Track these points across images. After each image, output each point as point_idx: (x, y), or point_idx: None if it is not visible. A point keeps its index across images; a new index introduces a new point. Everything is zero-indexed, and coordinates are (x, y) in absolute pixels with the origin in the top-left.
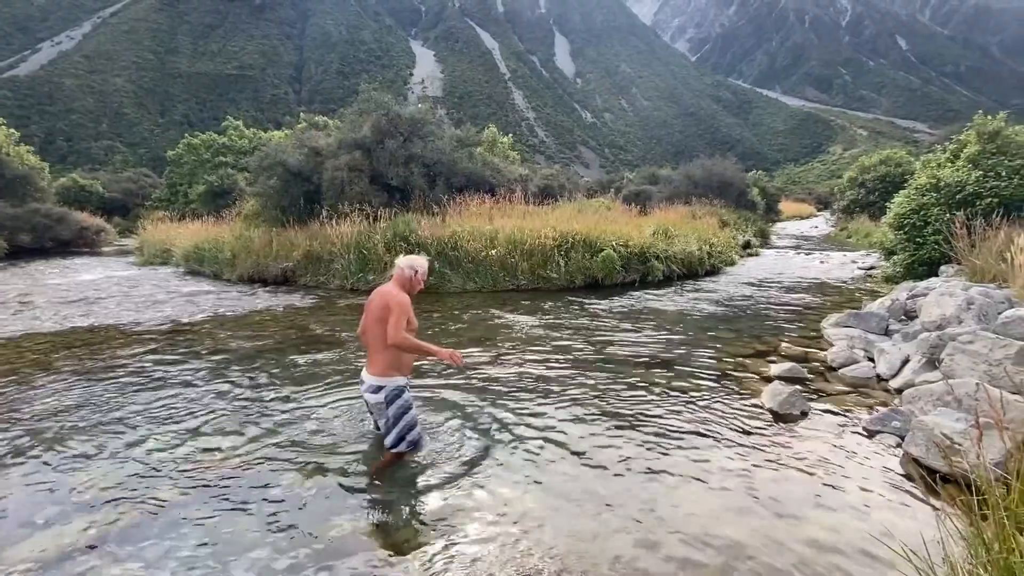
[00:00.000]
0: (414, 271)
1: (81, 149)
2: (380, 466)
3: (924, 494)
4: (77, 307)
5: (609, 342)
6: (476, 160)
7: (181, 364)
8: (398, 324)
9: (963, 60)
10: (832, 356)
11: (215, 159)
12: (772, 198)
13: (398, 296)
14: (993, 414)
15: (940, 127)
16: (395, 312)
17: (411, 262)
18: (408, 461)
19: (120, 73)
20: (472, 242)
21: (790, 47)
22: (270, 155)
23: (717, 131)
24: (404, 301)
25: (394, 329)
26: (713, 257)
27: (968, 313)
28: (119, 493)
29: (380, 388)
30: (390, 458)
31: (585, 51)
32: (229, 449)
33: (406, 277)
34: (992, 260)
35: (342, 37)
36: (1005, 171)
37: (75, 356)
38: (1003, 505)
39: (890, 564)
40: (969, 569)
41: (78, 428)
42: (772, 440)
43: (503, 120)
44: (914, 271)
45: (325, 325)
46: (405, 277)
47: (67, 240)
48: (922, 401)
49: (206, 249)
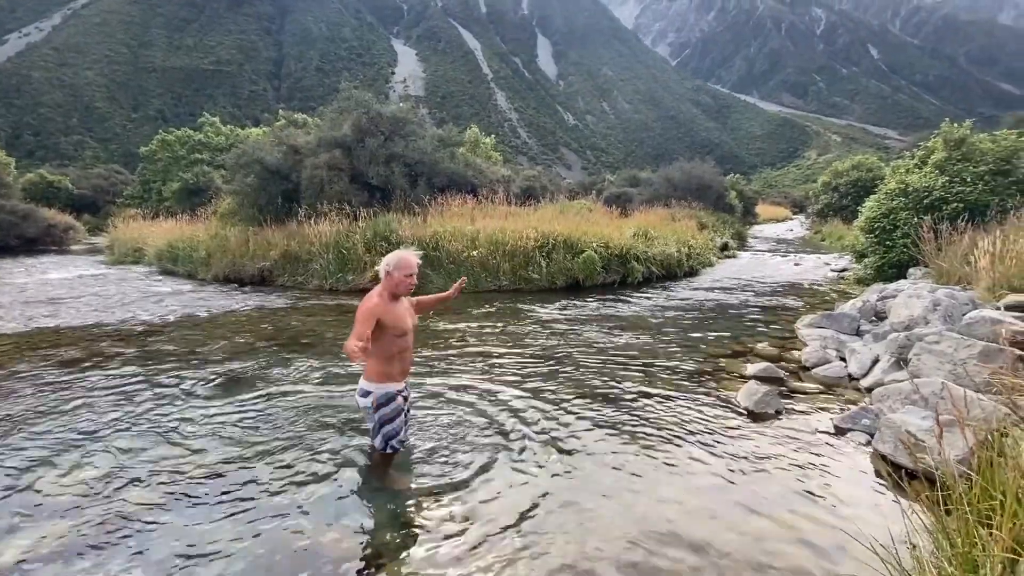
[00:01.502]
0: (386, 271)
1: (49, 144)
2: (372, 465)
3: (892, 490)
4: (43, 307)
5: (588, 342)
6: (458, 160)
7: (152, 366)
8: (355, 332)
9: (932, 69)
10: (806, 356)
11: (190, 156)
12: (749, 201)
13: (365, 302)
14: (956, 412)
15: (910, 134)
16: (357, 319)
17: (386, 259)
18: (398, 461)
19: (91, 66)
20: (454, 243)
21: (767, 53)
22: (247, 153)
23: (696, 135)
24: (365, 307)
25: (350, 340)
26: (692, 259)
27: (935, 314)
28: (85, 499)
29: (368, 393)
30: (378, 458)
31: (567, 53)
32: (200, 453)
33: (382, 278)
34: (957, 263)
35: (322, 34)
36: (970, 177)
37: (40, 358)
38: (966, 500)
39: (859, 558)
40: (934, 562)
41: (42, 432)
42: (747, 438)
43: (486, 121)
44: (884, 273)
45: (303, 326)
46: (382, 278)
47: (33, 238)
48: (891, 400)
49: (180, 248)
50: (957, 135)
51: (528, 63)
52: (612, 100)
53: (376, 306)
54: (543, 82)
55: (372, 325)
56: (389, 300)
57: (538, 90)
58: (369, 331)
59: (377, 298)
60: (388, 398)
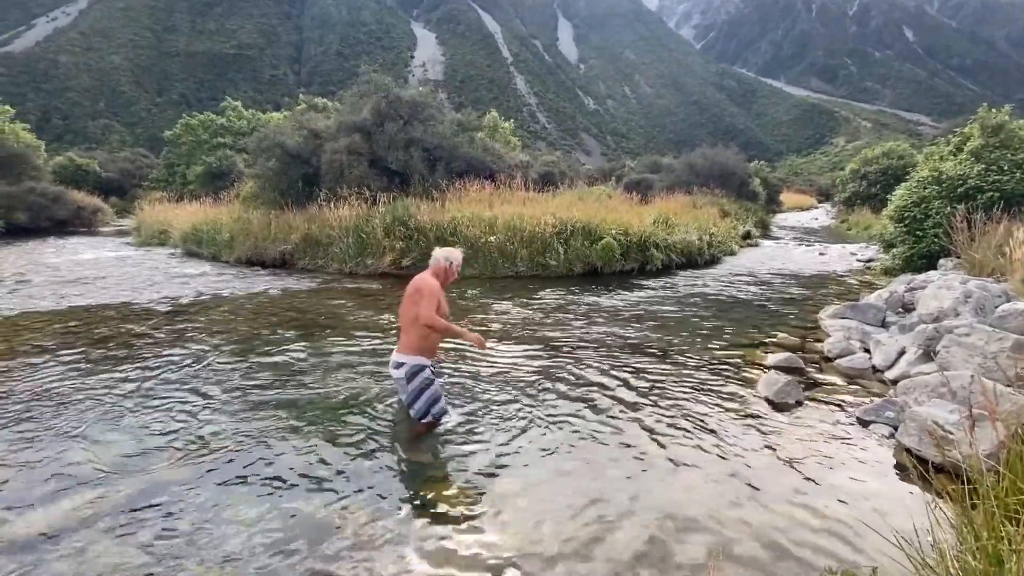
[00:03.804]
0: (449, 263)
1: (77, 128)
2: (413, 435)
3: (915, 483)
4: (74, 287)
5: (605, 330)
6: (477, 145)
7: (179, 344)
8: (429, 306)
9: (969, 53)
10: (829, 347)
11: (213, 140)
12: (773, 189)
13: (429, 281)
14: (986, 405)
15: (944, 120)
16: (425, 296)
17: (447, 254)
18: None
19: (117, 51)
20: (471, 228)
21: (796, 36)
22: (269, 137)
23: (720, 120)
24: (434, 286)
25: (426, 311)
26: (713, 247)
27: (965, 306)
28: (115, 471)
29: (401, 364)
30: (422, 428)
31: (589, 36)
32: (226, 430)
33: (441, 268)
34: (991, 254)
35: (342, 18)
36: (1008, 165)
37: (72, 335)
38: (993, 494)
39: (880, 550)
40: (958, 555)
41: (74, 406)
42: (768, 429)
43: (504, 105)
44: (913, 264)
45: (324, 308)
46: (440, 268)
47: (63, 219)
48: (916, 392)
49: (204, 231)
50: (995, 121)
51: (549, 46)
52: (634, 84)
53: (437, 287)
54: (563, 66)
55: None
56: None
57: (558, 74)
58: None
59: (435, 280)
60: (420, 368)
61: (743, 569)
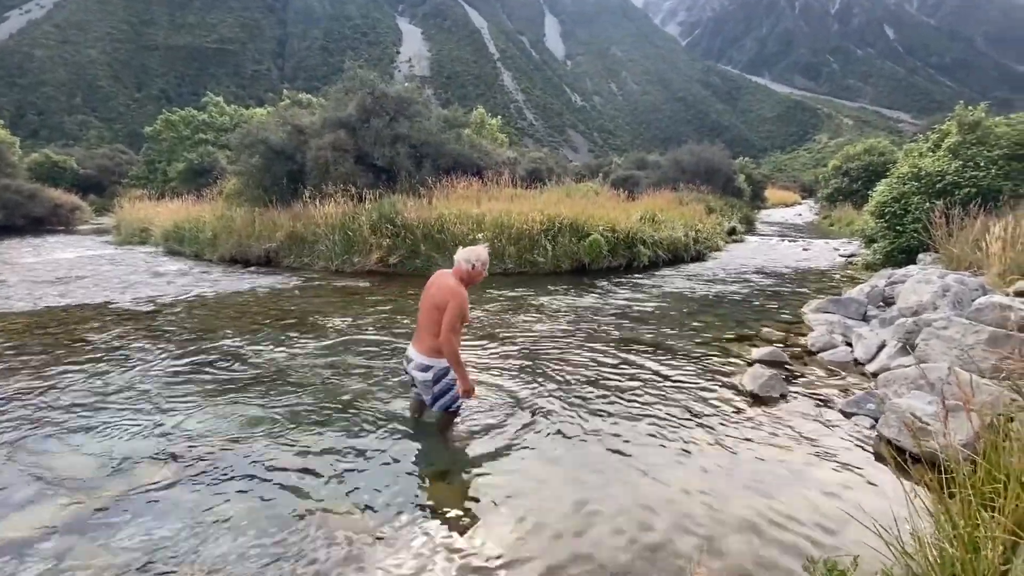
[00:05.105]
0: (471, 265)
1: (53, 124)
2: (441, 427)
3: (895, 473)
4: (52, 286)
5: (593, 326)
6: (464, 142)
7: (161, 345)
8: (451, 326)
9: (948, 51)
10: (812, 341)
11: (195, 136)
12: (758, 185)
13: (457, 290)
14: (962, 397)
15: (923, 117)
16: (450, 310)
17: (468, 256)
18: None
19: (94, 44)
20: (459, 225)
21: (780, 33)
22: (252, 133)
23: (706, 117)
24: (461, 298)
25: (447, 331)
26: (699, 243)
27: (943, 300)
28: (95, 474)
29: (429, 368)
30: (448, 418)
31: (576, 32)
32: (211, 430)
33: (464, 271)
34: (968, 248)
35: (326, 12)
36: (984, 161)
37: (50, 336)
38: (969, 483)
39: (861, 539)
40: (936, 543)
41: (52, 409)
42: (752, 421)
43: (492, 102)
44: (893, 259)
45: (310, 307)
46: (463, 271)
47: (40, 218)
48: (896, 384)
49: (186, 229)
50: (972, 118)
51: (536, 42)
52: (621, 81)
53: (464, 297)
54: (551, 62)
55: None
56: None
57: (545, 70)
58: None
59: (463, 289)
60: (447, 371)
61: (727, 561)
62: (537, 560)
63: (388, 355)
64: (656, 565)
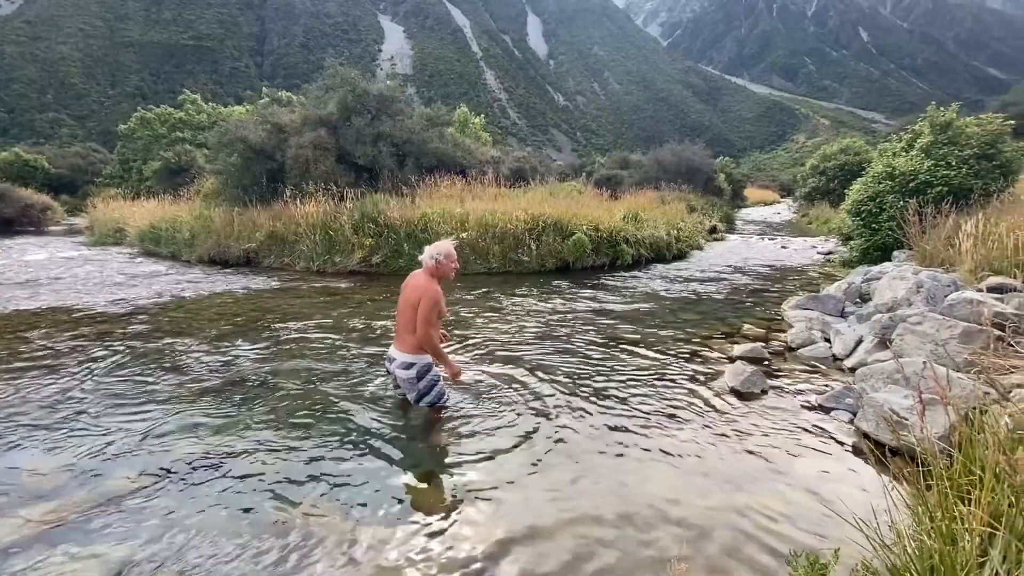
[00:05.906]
0: (435, 260)
1: (24, 121)
2: (427, 425)
3: (874, 467)
4: (23, 288)
5: (576, 325)
6: (447, 140)
7: (139, 348)
8: (426, 320)
9: (920, 53)
10: (791, 337)
11: (171, 135)
12: (738, 184)
13: (428, 286)
14: (938, 390)
15: (897, 118)
16: (423, 306)
17: (432, 251)
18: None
19: (66, 40)
20: (443, 224)
21: (758, 35)
22: (230, 131)
23: (687, 117)
24: (434, 294)
25: (422, 325)
26: (681, 242)
27: (918, 296)
28: (71, 481)
29: (411, 365)
30: (434, 415)
31: (558, 32)
32: (188, 435)
33: (431, 267)
34: (941, 246)
35: (306, 8)
36: (955, 161)
37: (20, 340)
38: (946, 476)
39: (841, 532)
40: (914, 535)
41: (25, 415)
42: (733, 417)
43: (475, 100)
44: (869, 256)
45: (291, 308)
46: (431, 267)
47: (9, 218)
48: (874, 379)
49: (163, 229)
50: (943, 119)
51: (518, 41)
52: (603, 81)
53: (438, 294)
54: (533, 61)
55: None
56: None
57: (528, 69)
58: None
59: (435, 284)
60: (429, 366)
61: (708, 556)
62: (519, 560)
63: (369, 356)
64: (637, 562)
